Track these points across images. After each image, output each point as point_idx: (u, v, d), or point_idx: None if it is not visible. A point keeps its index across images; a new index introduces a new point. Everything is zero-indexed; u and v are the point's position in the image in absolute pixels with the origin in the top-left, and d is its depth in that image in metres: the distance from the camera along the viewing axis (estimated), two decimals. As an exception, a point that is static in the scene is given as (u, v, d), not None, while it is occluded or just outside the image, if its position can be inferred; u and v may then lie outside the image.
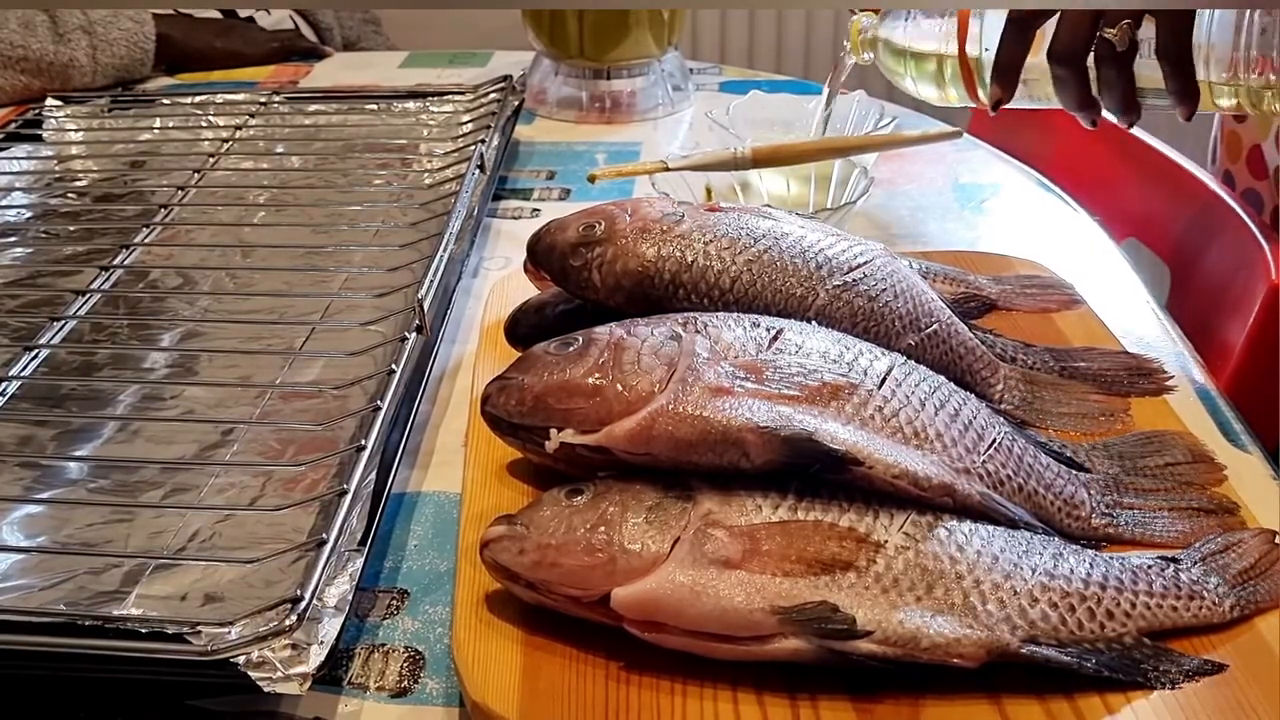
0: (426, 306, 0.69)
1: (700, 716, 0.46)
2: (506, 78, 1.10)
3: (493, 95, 1.07)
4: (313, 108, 1.10)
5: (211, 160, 0.99)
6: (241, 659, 0.46)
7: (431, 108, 1.10)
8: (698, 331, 0.55)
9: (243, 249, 0.86)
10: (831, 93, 0.93)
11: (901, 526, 0.50)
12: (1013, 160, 1.06)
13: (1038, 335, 0.71)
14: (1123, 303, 0.80)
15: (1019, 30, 0.72)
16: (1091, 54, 0.68)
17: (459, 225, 0.80)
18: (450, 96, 1.11)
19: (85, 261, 0.84)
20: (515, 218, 0.96)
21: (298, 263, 0.83)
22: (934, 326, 0.64)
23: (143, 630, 0.47)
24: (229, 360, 0.73)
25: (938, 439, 0.53)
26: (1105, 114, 0.71)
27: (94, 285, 0.78)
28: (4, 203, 0.94)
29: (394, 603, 0.56)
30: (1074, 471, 0.57)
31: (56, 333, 0.73)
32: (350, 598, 0.50)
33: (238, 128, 1.05)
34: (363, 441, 0.58)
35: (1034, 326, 0.72)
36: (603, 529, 0.49)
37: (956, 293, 0.73)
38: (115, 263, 0.81)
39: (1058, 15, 0.69)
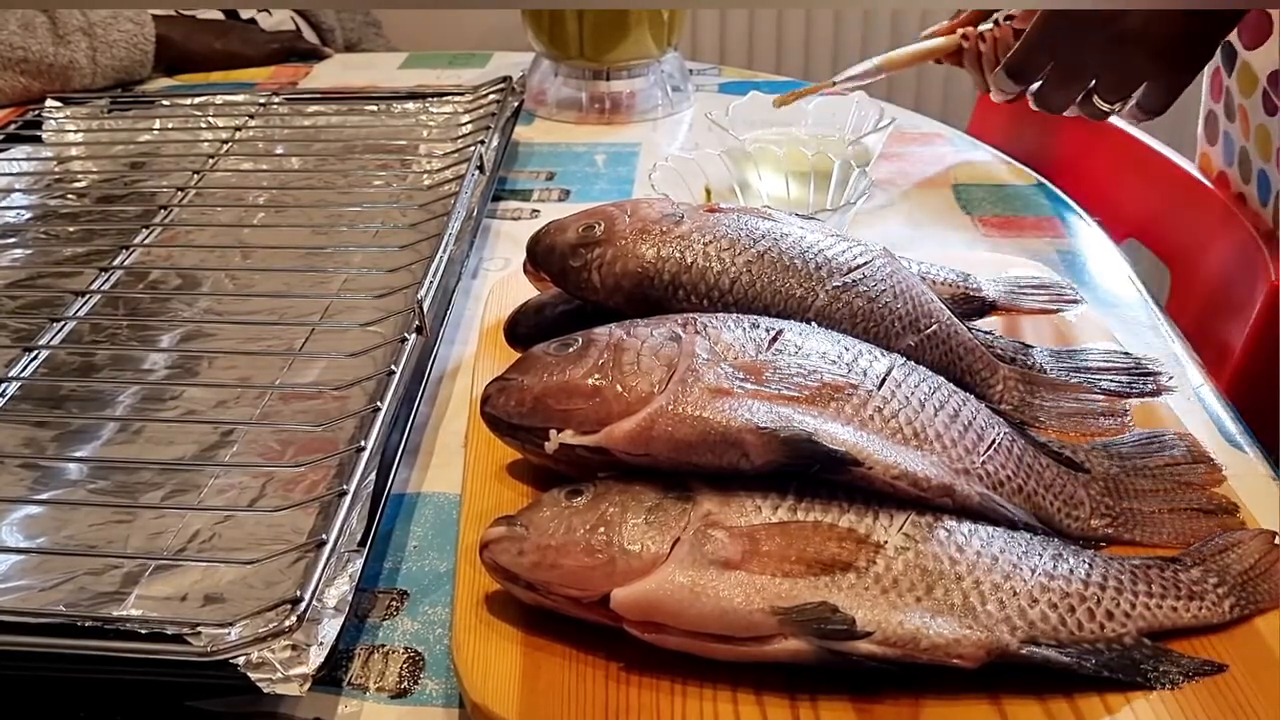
0: (426, 307, 0.69)
1: (700, 717, 0.46)
2: (506, 78, 1.10)
3: (492, 96, 1.07)
4: (312, 109, 1.10)
5: (211, 161, 0.99)
6: (241, 660, 0.46)
7: (431, 109, 1.10)
8: (697, 332, 0.55)
9: (242, 250, 0.86)
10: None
11: (901, 527, 0.50)
12: (1013, 160, 1.06)
13: (1038, 335, 0.71)
14: (1123, 303, 0.80)
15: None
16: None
17: (458, 226, 0.80)
18: (450, 97, 1.11)
19: (85, 262, 0.84)
20: (515, 218, 0.96)
21: (297, 264, 0.83)
22: (933, 327, 0.64)
23: (142, 631, 0.47)
24: (229, 361, 0.73)
25: (937, 440, 0.53)
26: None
27: (94, 286, 0.78)
28: (4, 203, 0.94)
29: (394, 603, 0.56)
30: (1074, 472, 0.57)
31: (56, 333, 0.73)
32: (350, 598, 0.50)
33: (237, 129, 1.05)
34: (362, 442, 0.58)
35: (1034, 326, 0.72)
36: (602, 530, 0.49)
37: (956, 293, 0.73)
38: (115, 264, 0.81)
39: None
